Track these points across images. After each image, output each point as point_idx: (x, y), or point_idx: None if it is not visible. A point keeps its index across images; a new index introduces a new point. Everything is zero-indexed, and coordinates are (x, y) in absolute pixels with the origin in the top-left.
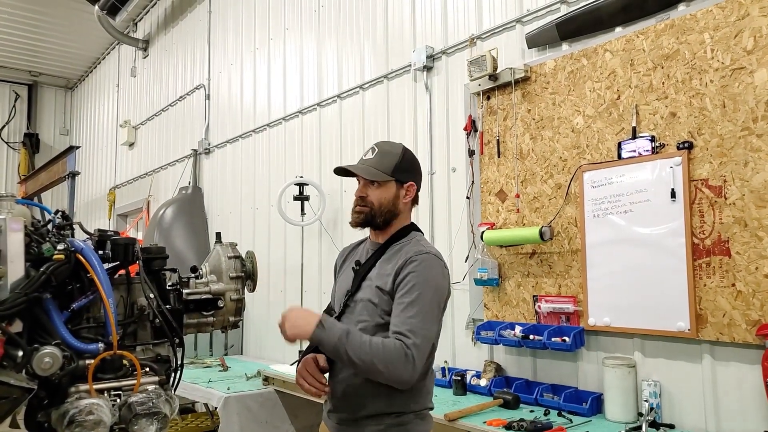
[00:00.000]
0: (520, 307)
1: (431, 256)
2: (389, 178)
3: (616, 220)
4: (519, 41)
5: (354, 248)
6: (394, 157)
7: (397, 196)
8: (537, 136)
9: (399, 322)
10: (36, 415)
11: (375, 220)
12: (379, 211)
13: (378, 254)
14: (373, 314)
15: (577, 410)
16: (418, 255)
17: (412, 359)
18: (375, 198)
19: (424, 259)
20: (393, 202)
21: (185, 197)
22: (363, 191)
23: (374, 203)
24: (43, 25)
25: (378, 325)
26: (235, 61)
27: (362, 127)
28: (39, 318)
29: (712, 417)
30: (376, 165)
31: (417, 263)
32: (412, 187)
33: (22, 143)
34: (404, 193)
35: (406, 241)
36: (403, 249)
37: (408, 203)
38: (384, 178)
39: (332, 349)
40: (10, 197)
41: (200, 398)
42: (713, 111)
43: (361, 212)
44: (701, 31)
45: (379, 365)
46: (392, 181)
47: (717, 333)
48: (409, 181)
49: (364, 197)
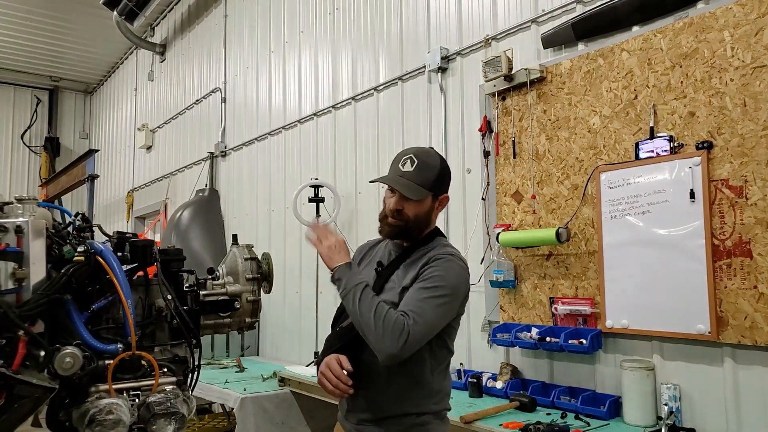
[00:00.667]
0: (537, 309)
1: (455, 258)
2: (428, 193)
3: (634, 221)
4: (534, 41)
5: (373, 246)
6: (433, 171)
7: (432, 209)
8: (553, 137)
9: (409, 302)
10: (57, 414)
11: (411, 234)
12: (415, 225)
13: (402, 258)
14: None
15: (595, 413)
16: (443, 255)
17: (406, 337)
18: (412, 212)
19: (447, 259)
20: (428, 215)
21: (202, 199)
22: (400, 204)
23: (410, 218)
24: (63, 31)
25: None
26: (250, 65)
27: (377, 129)
28: (60, 319)
29: (734, 421)
30: (415, 179)
31: (441, 260)
32: (446, 199)
33: (43, 147)
34: (437, 204)
35: (432, 246)
36: (428, 254)
37: (438, 214)
38: (423, 195)
39: (345, 291)
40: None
41: (217, 399)
42: (733, 110)
43: (396, 225)
44: (721, 29)
45: (374, 326)
46: (430, 195)
47: (738, 336)
48: (444, 193)
49: (400, 210)
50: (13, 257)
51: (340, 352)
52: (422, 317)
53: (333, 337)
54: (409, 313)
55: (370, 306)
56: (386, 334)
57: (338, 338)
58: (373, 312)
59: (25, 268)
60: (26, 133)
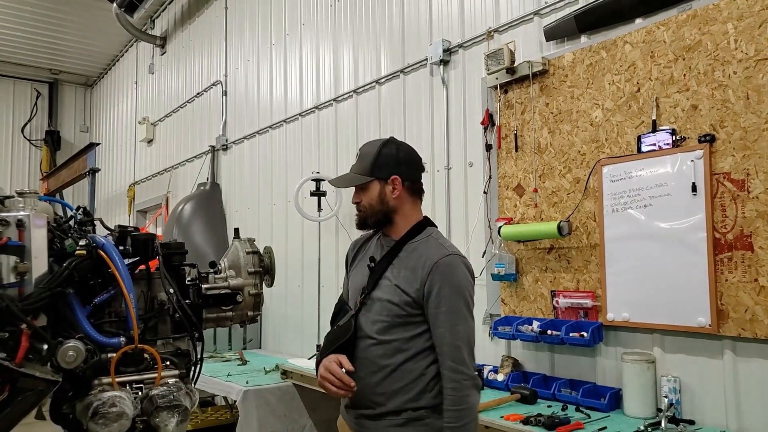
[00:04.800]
0: (538, 303)
1: (454, 258)
2: (367, 178)
3: (636, 214)
4: (537, 34)
5: (366, 240)
6: (369, 157)
7: (382, 193)
8: (555, 130)
9: (447, 351)
10: (61, 407)
11: (367, 221)
12: (370, 212)
13: (393, 252)
14: (391, 313)
15: (596, 405)
16: (441, 260)
17: (471, 380)
18: (365, 201)
19: (448, 263)
20: (380, 200)
21: (203, 193)
22: (356, 198)
23: (366, 206)
24: (62, 24)
25: (396, 324)
26: (251, 57)
27: (378, 122)
28: (62, 312)
29: (734, 413)
30: (356, 170)
31: (443, 268)
32: (397, 180)
33: (44, 141)
34: (391, 188)
35: (423, 238)
36: (420, 249)
37: (401, 197)
38: (361, 181)
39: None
40: (33, 194)
41: (219, 392)
42: (736, 103)
43: (359, 216)
44: (724, 21)
45: (470, 410)
46: (373, 180)
47: (739, 329)
48: (392, 175)
49: (358, 203)
50: (15, 251)
51: (337, 351)
52: (463, 353)
53: (331, 335)
54: (458, 370)
55: (467, 425)
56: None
57: (335, 337)
58: (469, 420)
59: (27, 261)
60: (26, 127)
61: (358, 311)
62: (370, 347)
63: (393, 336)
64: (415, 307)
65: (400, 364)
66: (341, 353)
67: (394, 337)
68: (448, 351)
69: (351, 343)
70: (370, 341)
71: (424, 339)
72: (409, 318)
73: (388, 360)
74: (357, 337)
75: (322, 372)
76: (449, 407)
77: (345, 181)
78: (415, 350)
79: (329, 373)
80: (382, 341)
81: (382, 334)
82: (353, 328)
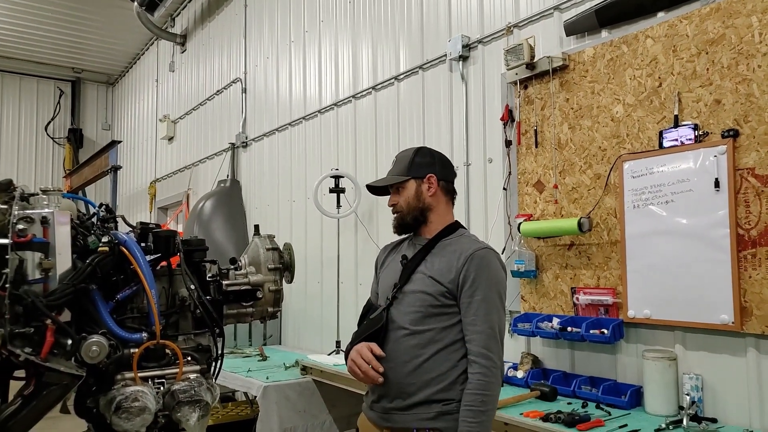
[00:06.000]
0: (558, 299)
1: (488, 251)
2: (405, 177)
3: (657, 210)
4: (557, 29)
5: (397, 245)
6: (406, 159)
7: (419, 192)
8: (575, 126)
9: (478, 338)
10: (85, 401)
11: (405, 220)
12: (407, 211)
13: (427, 249)
14: (425, 304)
15: (616, 403)
16: (477, 252)
17: (498, 370)
18: (402, 201)
19: (483, 255)
20: (417, 198)
21: (224, 190)
22: (392, 200)
23: (403, 206)
24: (84, 23)
25: (431, 315)
26: (270, 55)
27: (397, 118)
28: (86, 308)
29: (757, 412)
30: (393, 172)
31: (478, 260)
32: (433, 179)
33: (67, 138)
34: (427, 186)
35: (455, 237)
36: (453, 245)
37: (437, 196)
38: (399, 180)
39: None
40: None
41: (240, 387)
42: (761, 97)
43: (397, 218)
44: (749, 14)
45: (494, 398)
46: (410, 179)
47: (763, 326)
48: (427, 173)
49: (395, 205)
50: (39, 248)
51: (368, 341)
52: (492, 341)
53: (362, 327)
54: (486, 355)
55: (488, 411)
56: (496, 388)
57: (366, 327)
58: (491, 404)
59: (51, 258)
60: (50, 125)
61: (390, 305)
62: (403, 338)
63: (427, 326)
64: (450, 297)
65: (433, 354)
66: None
67: (428, 327)
68: (480, 338)
69: (382, 333)
70: (403, 332)
71: (457, 330)
72: (443, 308)
73: (421, 350)
74: (389, 329)
75: (353, 356)
76: (474, 390)
77: (383, 181)
78: (449, 341)
79: (360, 357)
80: (415, 332)
81: (417, 325)
82: (385, 318)
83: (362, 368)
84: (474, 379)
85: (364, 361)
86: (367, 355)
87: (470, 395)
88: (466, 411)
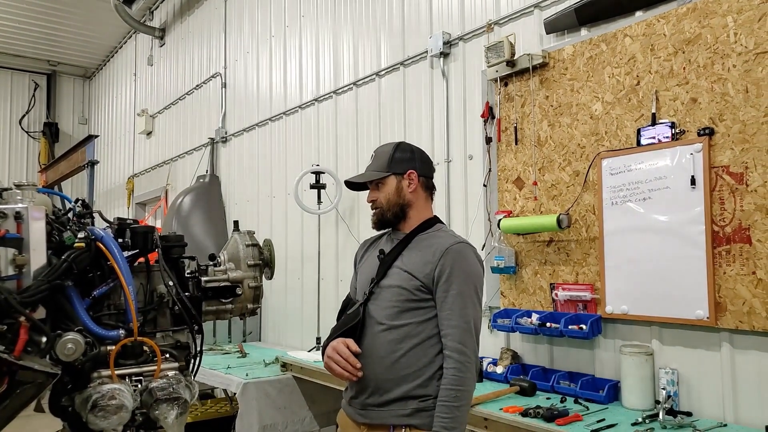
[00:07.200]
0: (537, 295)
1: (465, 246)
2: (385, 173)
3: (635, 207)
4: (537, 27)
5: (375, 240)
6: (386, 154)
7: (399, 188)
8: (555, 123)
9: (453, 333)
10: (60, 400)
11: (385, 216)
12: (387, 207)
13: (403, 244)
14: (402, 298)
15: (594, 398)
16: (452, 246)
17: (473, 365)
18: (382, 197)
19: (459, 250)
20: (397, 193)
21: (203, 186)
22: (372, 196)
23: (383, 202)
24: (61, 15)
25: (406, 309)
26: (251, 49)
27: (378, 114)
28: (61, 305)
29: (731, 405)
30: (372, 168)
31: (454, 254)
32: (413, 174)
33: (42, 132)
34: (407, 182)
35: (432, 232)
36: (430, 240)
37: (417, 192)
38: (379, 176)
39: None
40: (31, 186)
41: (219, 384)
42: (735, 96)
43: (376, 214)
44: (724, 15)
45: (469, 393)
46: (390, 175)
47: (736, 321)
48: (408, 169)
49: (374, 200)
50: (13, 243)
51: (345, 336)
52: (466, 335)
53: (339, 323)
54: (460, 350)
55: (462, 407)
56: (471, 383)
57: (343, 323)
58: (466, 400)
59: (25, 254)
60: (24, 119)
61: (367, 300)
62: (380, 333)
63: (404, 321)
64: (426, 291)
65: (410, 350)
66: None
67: (404, 321)
68: (455, 333)
69: (359, 328)
70: (380, 327)
71: (433, 324)
72: (419, 303)
73: (397, 345)
74: (366, 324)
75: (329, 352)
76: (450, 386)
77: (362, 177)
78: (425, 336)
79: (336, 353)
80: (392, 326)
81: (393, 320)
82: (362, 314)
83: (340, 364)
84: (449, 374)
85: (341, 357)
86: (344, 351)
87: (445, 390)
88: (441, 406)
